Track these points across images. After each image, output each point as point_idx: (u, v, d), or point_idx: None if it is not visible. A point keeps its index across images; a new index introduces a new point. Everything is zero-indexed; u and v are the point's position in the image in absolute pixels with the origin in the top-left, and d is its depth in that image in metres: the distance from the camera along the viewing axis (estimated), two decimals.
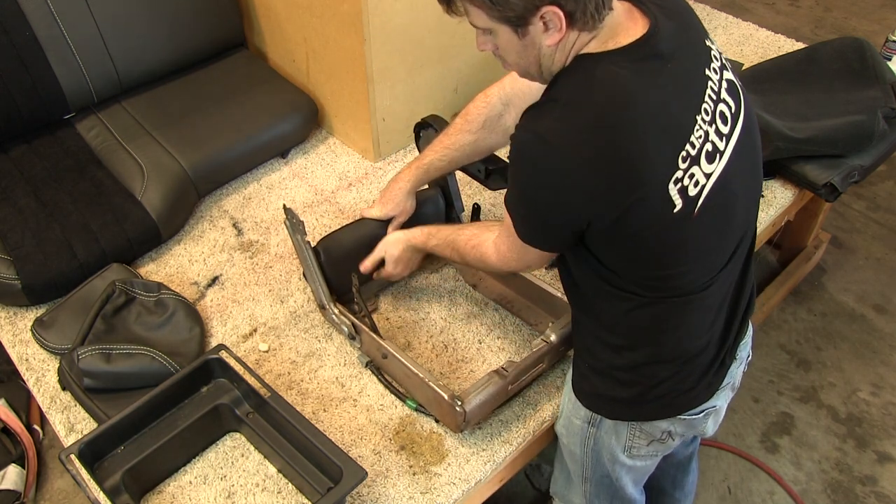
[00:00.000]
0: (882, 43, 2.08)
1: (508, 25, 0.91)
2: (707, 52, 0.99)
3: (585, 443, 1.22)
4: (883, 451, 2.01)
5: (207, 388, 1.29)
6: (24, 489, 1.85)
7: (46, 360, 1.41)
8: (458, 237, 1.23)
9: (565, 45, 0.93)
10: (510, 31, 0.92)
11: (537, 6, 0.87)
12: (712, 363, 1.11)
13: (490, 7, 0.89)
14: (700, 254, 0.99)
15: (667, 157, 0.91)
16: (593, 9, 0.88)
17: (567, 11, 0.88)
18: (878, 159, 1.75)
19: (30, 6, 1.64)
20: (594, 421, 1.19)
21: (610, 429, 1.18)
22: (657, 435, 1.17)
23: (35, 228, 1.52)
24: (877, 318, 2.34)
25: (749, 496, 1.92)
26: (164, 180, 1.63)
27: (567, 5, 0.87)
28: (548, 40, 0.91)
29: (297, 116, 1.86)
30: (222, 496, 1.20)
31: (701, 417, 1.17)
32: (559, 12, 0.87)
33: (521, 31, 0.91)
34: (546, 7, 0.87)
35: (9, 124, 1.70)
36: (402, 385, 1.33)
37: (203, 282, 1.56)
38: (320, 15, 1.70)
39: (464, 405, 1.18)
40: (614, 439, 1.19)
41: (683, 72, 0.95)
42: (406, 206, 1.43)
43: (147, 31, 1.82)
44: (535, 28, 0.90)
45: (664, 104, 0.92)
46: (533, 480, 1.91)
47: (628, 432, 1.17)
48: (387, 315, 1.48)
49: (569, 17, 0.88)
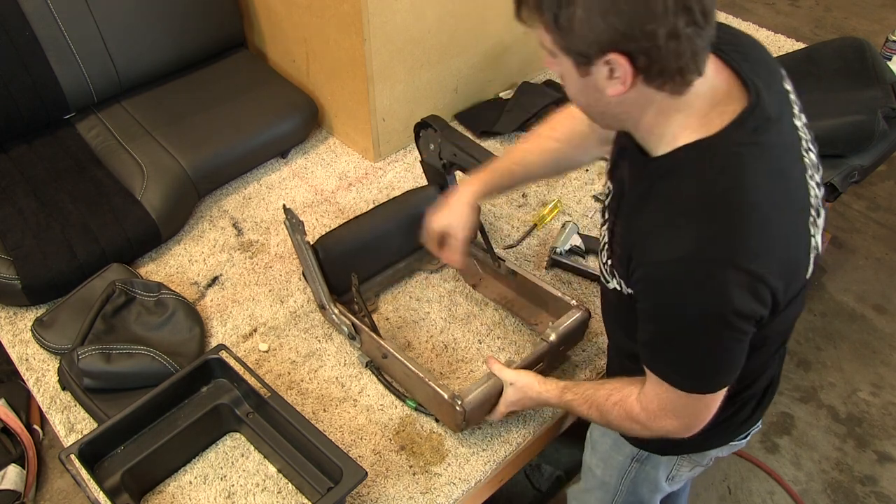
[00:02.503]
0: (882, 43, 2.08)
1: (570, 58, 0.79)
2: (788, 98, 0.89)
3: (625, 476, 1.21)
4: (883, 451, 2.00)
5: (207, 388, 1.29)
6: (24, 489, 1.85)
7: (46, 360, 1.41)
8: (597, 392, 1.05)
9: (640, 103, 0.81)
10: (571, 64, 0.80)
11: (603, 50, 0.75)
12: (769, 387, 1.09)
13: (556, 33, 0.77)
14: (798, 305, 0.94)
15: (806, 234, 0.85)
16: (675, 70, 0.76)
17: (635, 65, 0.75)
18: (878, 159, 1.75)
19: (30, 6, 1.64)
20: (640, 457, 1.16)
21: (659, 463, 1.16)
22: (703, 462, 1.16)
23: (35, 228, 1.52)
24: (877, 318, 2.34)
25: (749, 496, 1.92)
26: (164, 180, 1.63)
27: (638, 59, 0.74)
28: (610, 89, 0.78)
29: (297, 116, 1.86)
30: (222, 496, 1.20)
31: (747, 439, 1.16)
32: (625, 63, 0.75)
33: (581, 69, 0.79)
34: (612, 54, 0.74)
35: (9, 124, 1.70)
36: (402, 385, 1.33)
37: (203, 282, 1.56)
38: (320, 15, 1.70)
39: (464, 404, 1.18)
40: (660, 472, 1.17)
41: (787, 129, 0.86)
42: (473, 221, 1.26)
43: (147, 31, 1.82)
44: (598, 70, 0.78)
45: (792, 180, 0.84)
46: (533, 480, 1.91)
47: (677, 462, 1.15)
48: (387, 315, 1.48)
49: (638, 70, 0.76)
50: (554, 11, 0.75)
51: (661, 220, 0.82)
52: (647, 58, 0.74)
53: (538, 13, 0.77)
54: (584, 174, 1.81)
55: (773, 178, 0.81)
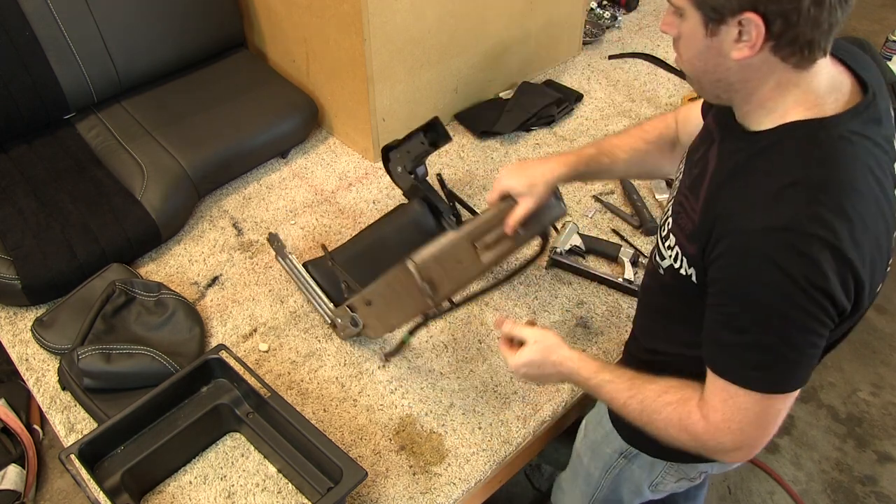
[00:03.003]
0: (882, 43, 2.08)
1: (701, 13, 0.77)
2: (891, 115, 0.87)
3: (609, 471, 1.20)
4: (883, 451, 2.01)
5: (207, 388, 1.29)
6: (24, 489, 1.85)
7: (46, 360, 1.41)
8: (646, 385, 0.94)
9: (761, 73, 0.78)
10: (700, 22, 0.78)
11: (742, 7, 0.73)
12: None
13: None
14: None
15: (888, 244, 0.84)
16: (806, 41, 0.74)
17: (770, 29, 0.73)
18: None
19: (30, 6, 1.64)
20: (629, 454, 1.15)
21: (646, 464, 1.14)
22: (691, 474, 1.15)
23: (35, 228, 1.52)
24: (877, 318, 2.34)
25: (749, 496, 1.92)
26: (164, 180, 1.63)
27: (774, 22, 0.72)
28: (736, 52, 0.76)
29: (297, 116, 1.86)
30: (222, 496, 1.20)
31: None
32: (760, 24, 0.73)
33: (711, 28, 0.77)
34: (749, 13, 0.73)
35: (9, 124, 1.70)
36: (391, 314, 1.25)
37: (203, 282, 1.56)
38: (320, 15, 1.70)
39: (416, 263, 1.08)
40: (646, 474, 1.16)
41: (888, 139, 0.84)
42: (543, 199, 1.17)
43: (147, 31, 1.82)
44: (727, 31, 0.76)
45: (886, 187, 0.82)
46: (533, 480, 1.91)
47: (663, 470, 1.14)
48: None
49: (770, 35, 0.74)
50: None
51: (759, 190, 0.78)
52: (785, 22, 0.72)
53: None
54: None
55: (876, 179, 0.79)
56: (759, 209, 0.77)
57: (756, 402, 0.82)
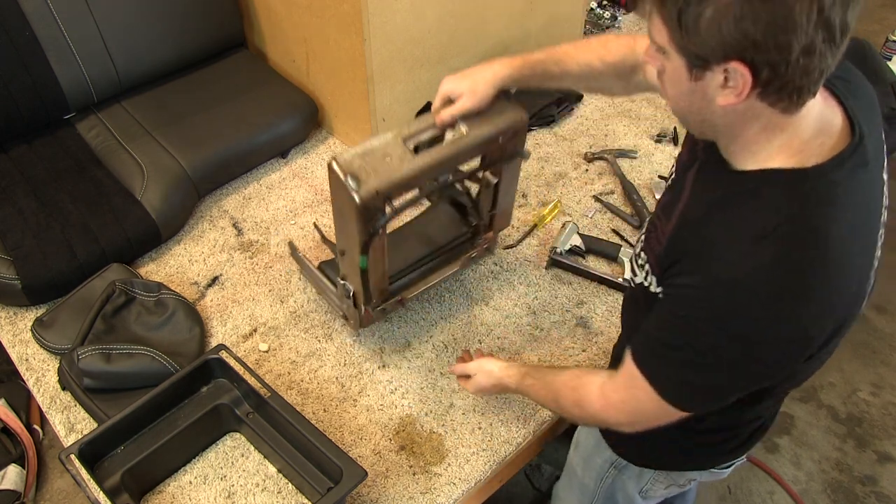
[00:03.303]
0: (882, 43, 2.08)
1: (685, 59, 0.74)
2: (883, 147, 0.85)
3: (602, 480, 1.21)
4: (883, 451, 2.00)
5: (207, 388, 1.29)
6: (24, 489, 1.85)
7: (46, 360, 1.41)
8: (556, 377, 1.05)
9: (747, 117, 0.76)
10: (684, 66, 0.74)
11: (728, 56, 0.69)
12: (761, 425, 1.08)
13: (676, 30, 0.72)
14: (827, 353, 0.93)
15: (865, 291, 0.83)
16: (794, 89, 0.71)
17: (757, 77, 0.70)
18: None
19: (30, 6, 1.64)
20: (619, 464, 1.16)
21: (634, 473, 1.16)
22: (680, 482, 1.16)
23: (35, 228, 1.52)
24: (877, 318, 2.34)
25: (749, 496, 1.92)
26: (164, 180, 1.63)
27: (761, 71, 0.69)
28: (721, 98, 0.73)
29: (297, 116, 1.86)
30: (222, 496, 1.20)
31: (729, 470, 1.15)
32: (746, 73, 0.69)
33: (695, 73, 0.74)
34: (735, 62, 0.69)
35: (9, 124, 1.70)
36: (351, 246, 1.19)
37: (203, 282, 1.56)
38: (320, 15, 1.70)
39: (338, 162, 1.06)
40: (635, 483, 1.17)
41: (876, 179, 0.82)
42: (484, 99, 1.17)
43: (147, 31, 1.82)
44: (712, 77, 0.72)
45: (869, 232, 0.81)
46: (533, 480, 1.91)
47: (652, 477, 1.14)
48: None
49: (757, 83, 0.70)
50: (679, 6, 0.69)
51: (736, 235, 0.77)
52: (773, 71, 0.69)
53: (659, 4, 0.72)
54: (583, 174, 1.81)
55: (857, 225, 0.78)
56: (735, 255, 0.76)
57: (656, 405, 0.86)
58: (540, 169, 1.82)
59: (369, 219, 1.10)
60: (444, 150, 1.16)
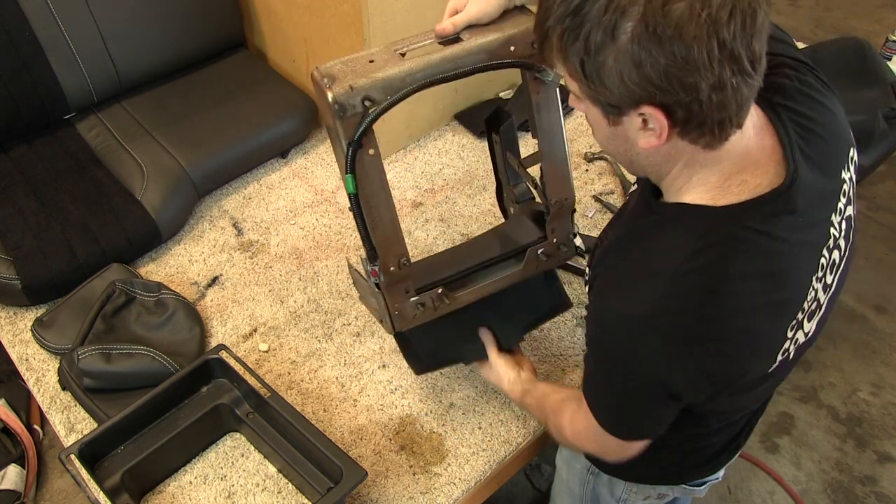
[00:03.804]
0: (882, 43, 2.08)
1: (599, 108, 0.73)
2: (840, 190, 0.81)
3: (585, 485, 1.22)
4: (883, 451, 2.01)
5: (207, 388, 1.29)
6: (24, 489, 1.85)
7: (46, 360, 1.41)
8: (547, 398, 1.08)
9: (671, 155, 0.75)
10: (599, 113, 0.74)
11: (637, 102, 0.68)
12: (729, 445, 1.08)
13: (583, 82, 0.70)
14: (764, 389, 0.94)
15: (779, 337, 0.81)
16: (714, 124, 0.69)
17: (673, 119, 0.68)
18: (878, 159, 1.75)
19: (30, 6, 1.64)
20: (593, 470, 1.18)
21: (607, 482, 1.17)
22: (654, 494, 1.16)
23: (35, 228, 1.52)
24: (877, 318, 2.34)
25: (749, 496, 1.92)
26: (164, 180, 1.63)
27: (675, 112, 0.68)
28: (642, 141, 0.72)
29: (297, 116, 1.86)
30: (222, 496, 1.20)
31: (702, 488, 1.15)
32: (661, 117, 0.68)
33: (612, 119, 0.73)
34: (647, 107, 0.68)
35: (9, 124, 1.70)
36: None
37: (203, 282, 1.56)
38: (320, 15, 1.70)
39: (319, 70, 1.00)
40: (608, 490, 1.18)
41: (811, 225, 0.78)
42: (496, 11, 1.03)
43: (147, 31, 1.82)
44: (630, 121, 0.72)
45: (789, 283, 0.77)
46: (533, 480, 1.91)
47: (625, 487, 1.15)
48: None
49: (674, 123, 0.69)
50: (581, 57, 0.68)
51: (633, 267, 0.78)
52: (687, 111, 0.67)
53: (562, 58, 0.71)
54: (584, 174, 1.81)
55: (764, 278, 0.74)
56: (625, 287, 0.77)
57: (601, 434, 0.89)
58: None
59: (348, 123, 0.99)
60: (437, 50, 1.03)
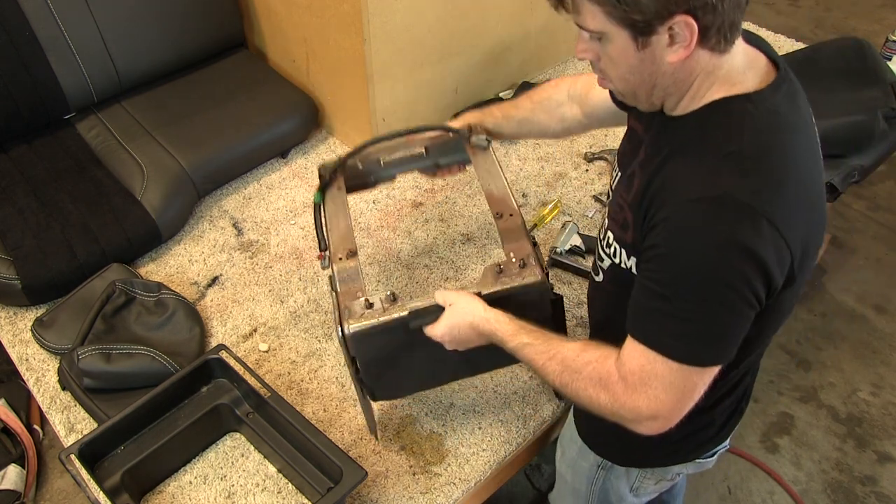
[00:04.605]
0: (882, 43, 2.08)
1: (629, 31, 0.76)
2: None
3: (593, 483, 1.21)
4: (883, 451, 2.00)
5: (207, 388, 1.29)
6: (24, 489, 1.85)
7: (46, 360, 1.41)
8: (563, 344, 0.93)
9: (692, 68, 0.80)
10: (628, 39, 0.77)
11: (672, 12, 0.73)
12: (740, 403, 1.08)
13: (614, 5, 0.74)
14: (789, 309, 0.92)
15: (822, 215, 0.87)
16: (728, 26, 0.76)
17: (702, 25, 0.74)
18: (878, 159, 1.75)
19: (30, 6, 1.64)
20: (604, 465, 1.17)
21: (621, 473, 1.16)
22: (667, 476, 1.16)
23: (35, 228, 1.52)
24: (877, 318, 2.34)
25: (749, 496, 1.92)
26: (164, 180, 1.63)
27: (704, 17, 0.73)
28: (671, 56, 0.77)
29: (297, 116, 1.86)
30: (222, 496, 1.20)
31: (713, 459, 1.15)
32: (693, 24, 0.73)
33: (641, 41, 0.76)
34: (680, 16, 0.73)
35: (9, 124, 1.70)
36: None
37: (203, 282, 1.56)
38: (320, 15, 1.70)
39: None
40: (623, 482, 1.17)
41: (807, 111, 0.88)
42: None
43: (147, 31, 1.82)
44: (658, 40, 0.76)
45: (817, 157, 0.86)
46: (533, 480, 1.91)
47: (639, 475, 1.15)
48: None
49: (702, 31, 0.75)
50: None
51: (695, 163, 0.79)
52: (712, 12, 0.73)
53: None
54: (584, 174, 1.81)
55: (807, 149, 0.82)
56: (696, 181, 0.78)
57: (672, 371, 0.81)
58: (540, 169, 1.82)
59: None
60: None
